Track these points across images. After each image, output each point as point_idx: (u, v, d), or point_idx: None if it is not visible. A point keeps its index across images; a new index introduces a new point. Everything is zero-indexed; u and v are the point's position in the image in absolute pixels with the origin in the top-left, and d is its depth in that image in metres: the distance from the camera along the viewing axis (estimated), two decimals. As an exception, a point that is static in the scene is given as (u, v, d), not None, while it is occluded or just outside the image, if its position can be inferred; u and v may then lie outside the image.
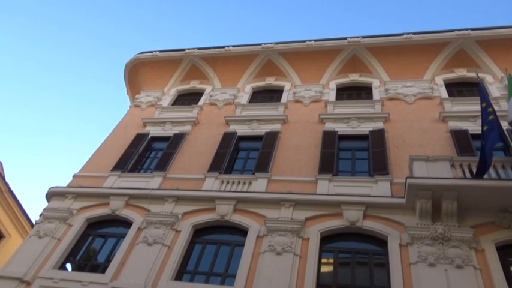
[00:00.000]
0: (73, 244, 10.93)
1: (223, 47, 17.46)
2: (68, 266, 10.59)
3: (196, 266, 9.76)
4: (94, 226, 11.47)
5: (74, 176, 13.18)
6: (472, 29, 15.01)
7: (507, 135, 10.82)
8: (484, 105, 9.64)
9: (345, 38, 16.13)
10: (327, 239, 9.63)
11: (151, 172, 12.73)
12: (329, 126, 13.17)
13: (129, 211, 11.33)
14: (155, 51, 18.26)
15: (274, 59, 16.81)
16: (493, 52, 14.77)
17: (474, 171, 9.10)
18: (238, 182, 11.51)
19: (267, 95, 16.31)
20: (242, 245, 9.76)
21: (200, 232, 10.60)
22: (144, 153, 14.13)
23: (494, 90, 13.69)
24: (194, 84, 17.62)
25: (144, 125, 15.29)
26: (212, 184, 11.62)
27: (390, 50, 15.65)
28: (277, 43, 16.81)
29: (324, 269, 9.08)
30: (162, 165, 12.77)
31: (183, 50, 17.95)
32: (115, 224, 11.35)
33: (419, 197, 9.01)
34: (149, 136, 14.66)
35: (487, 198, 8.77)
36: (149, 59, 18.22)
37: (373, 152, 11.66)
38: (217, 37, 56.69)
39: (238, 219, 10.37)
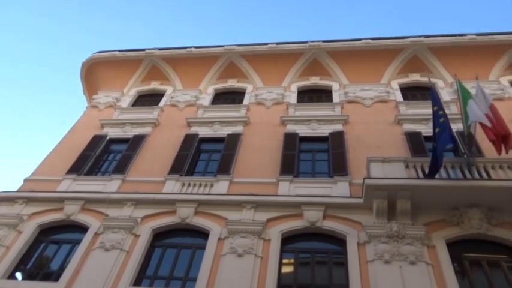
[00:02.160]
0: (23, 252, 10.33)
1: (185, 47, 17.28)
2: (18, 275, 10.01)
3: (156, 270, 9.53)
4: (47, 232, 10.92)
5: (25, 180, 12.50)
6: (425, 36, 15.79)
7: (457, 137, 11.46)
8: (435, 108, 10.12)
9: (306, 42, 16.45)
10: (288, 239, 9.72)
11: (109, 175, 12.32)
12: (290, 128, 13.34)
13: (85, 216, 10.89)
14: (114, 51, 17.76)
15: (236, 61, 16.82)
16: (444, 58, 15.59)
17: (427, 171, 9.53)
18: (200, 185, 11.39)
19: (229, 97, 16.29)
20: (203, 248, 9.65)
21: (160, 236, 10.37)
22: (102, 155, 13.66)
23: (445, 94, 14.44)
24: (155, 85, 17.28)
25: (102, 126, 14.79)
26: (173, 187, 11.42)
27: (349, 55, 16.12)
28: (239, 45, 16.85)
29: (285, 269, 9.16)
30: (121, 168, 12.40)
31: (143, 50, 17.58)
32: (70, 229, 10.86)
33: (376, 197, 9.33)
34: (107, 138, 14.19)
35: (438, 197, 9.22)
36: (107, 58, 17.68)
37: (332, 153, 11.93)
38: (179, 38, 55.98)
39: (200, 221, 10.25)
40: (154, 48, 17.52)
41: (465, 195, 9.09)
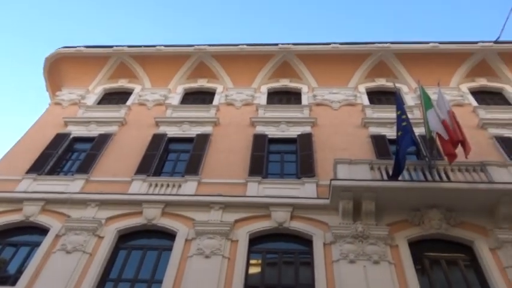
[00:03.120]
0: (-22, 255, 9.81)
1: (155, 46, 17.00)
2: (-29, 279, 9.48)
3: (121, 273, 9.29)
4: (4, 234, 10.38)
5: (-19, 180, 11.85)
6: (391, 43, 16.31)
7: (419, 140, 11.90)
8: (398, 113, 10.47)
9: (277, 44, 16.59)
10: (255, 240, 9.75)
11: (72, 175, 11.91)
12: (260, 129, 13.40)
13: (45, 217, 10.46)
14: (80, 46, 17.21)
15: (207, 61, 16.72)
16: (409, 65, 16.16)
17: (391, 173, 9.83)
18: (167, 185, 11.22)
19: (199, 97, 16.16)
20: (170, 249, 9.51)
21: (125, 237, 10.12)
22: (65, 154, 13.18)
23: (409, 99, 14.96)
24: (122, 83, 16.88)
25: (66, 124, 14.28)
26: (139, 187, 11.18)
27: (319, 58, 16.40)
28: (210, 45, 16.77)
29: (252, 270, 9.19)
30: (85, 168, 12.01)
31: (111, 46, 17.14)
32: (29, 231, 10.40)
33: (342, 198, 9.53)
34: (71, 136, 13.71)
35: (401, 198, 9.53)
36: (73, 54, 17.11)
37: (301, 155, 12.08)
38: (150, 36, 55.01)
39: (166, 223, 10.10)
40: (122, 45, 17.11)
41: (426, 197, 9.45)
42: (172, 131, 13.64)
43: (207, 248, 9.18)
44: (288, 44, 16.50)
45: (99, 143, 13.15)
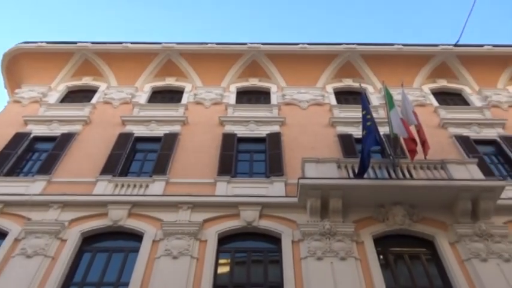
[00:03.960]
0: None
1: (121, 42, 16.59)
2: None
3: (85, 276, 9.00)
4: (-43, 239, 9.83)
5: None
6: (358, 44, 16.70)
7: (383, 139, 12.25)
8: (364, 112, 10.73)
9: (246, 44, 16.61)
10: (224, 239, 9.72)
11: (33, 176, 11.41)
12: (229, 128, 13.37)
13: (4, 220, 9.96)
14: (41, 42, 16.53)
15: (175, 59, 16.51)
16: (374, 66, 16.61)
17: (357, 171, 10.07)
18: (134, 185, 10.97)
19: (167, 96, 15.91)
20: (137, 251, 9.30)
21: (90, 240, 9.82)
22: (25, 154, 12.62)
23: (374, 99, 15.39)
24: (87, 81, 16.36)
25: (26, 123, 13.67)
26: (105, 188, 10.87)
27: (287, 58, 16.55)
28: (178, 43, 16.56)
29: (221, 269, 9.15)
30: (47, 168, 11.55)
31: (75, 43, 16.59)
32: (-15, 235, 9.88)
33: (309, 196, 9.67)
34: (31, 136, 13.14)
35: (366, 196, 9.78)
36: (33, 50, 16.41)
37: (269, 154, 12.15)
38: (117, 33, 53.61)
39: (133, 224, 9.88)
40: (86, 42, 16.59)
41: (390, 194, 9.74)
42: (139, 130, 13.36)
43: (175, 249, 9.05)
44: (257, 43, 16.56)
45: (62, 142, 12.68)
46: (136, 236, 9.74)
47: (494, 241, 9.17)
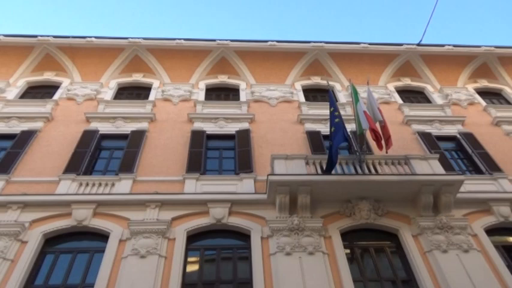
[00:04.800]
0: None
1: (85, 37, 16.02)
2: None
3: (47, 278, 8.67)
4: None
5: None
6: (325, 42, 16.94)
7: (351, 136, 12.51)
8: (332, 109, 10.91)
9: (215, 40, 16.48)
10: (193, 237, 9.64)
11: (-10, 175, 10.85)
12: (198, 125, 13.24)
13: (-42, 223, 9.43)
14: (-1, 35, 15.72)
15: (142, 54, 16.16)
16: (342, 64, 16.93)
17: (325, 167, 10.24)
18: (100, 184, 10.67)
19: (134, 92, 15.56)
20: (102, 251, 9.07)
21: (53, 241, 9.47)
22: (-19, 153, 11.98)
23: (342, 97, 15.68)
24: (49, 76, 15.72)
25: (-18, 120, 12.98)
26: (68, 187, 10.50)
27: (256, 55, 16.57)
28: (145, 38, 16.20)
29: (190, 268, 9.07)
30: (5, 167, 11.01)
31: (35, 36, 15.87)
32: None
33: (278, 193, 9.74)
34: (-12, 133, 12.49)
35: (334, 191, 9.97)
36: (-10, 43, 15.57)
37: (239, 151, 12.14)
38: (82, 27, 51.79)
39: (99, 223, 9.61)
40: (48, 36, 15.92)
41: (356, 189, 9.97)
42: (104, 128, 12.98)
43: (143, 248, 8.89)
44: (226, 40, 16.47)
45: (22, 140, 12.13)
46: (102, 236, 9.49)
47: (454, 233, 9.59)
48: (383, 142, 10.73)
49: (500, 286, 8.59)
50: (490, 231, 10.13)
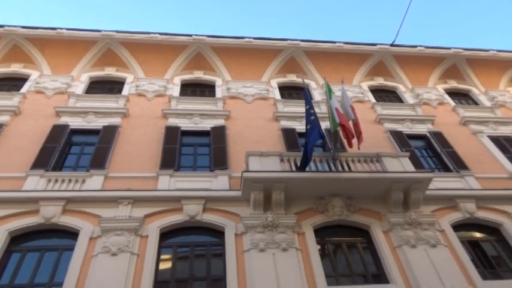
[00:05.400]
0: None
1: (55, 28, 15.50)
2: None
3: (13, 278, 8.36)
4: None
5: None
6: (302, 40, 17.05)
7: (325, 134, 12.68)
8: (307, 107, 11.01)
9: (191, 35, 16.29)
10: (166, 234, 9.53)
11: (-48, 171, 10.37)
12: (172, 121, 13.07)
13: None
14: (-39, 24, 14.99)
15: (115, 48, 15.78)
16: (317, 62, 17.09)
17: (299, 164, 10.32)
18: (70, 180, 10.37)
19: (107, 86, 15.17)
20: (72, 249, 8.82)
21: (19, 239, 9.13)
22: None
23: (317, 95, 15.85)
24: (16, 68, 15.12)
25: None
26: (36, 183, 10.15)
27: (233, 51, 16.49)
28: (118, 31, 15.82)
29: (163, 265, 8.96)
30: (-32, 163, 10.54)
31: (2, 26, 15.22)
32: None
33: (253, 189, 9.75)
34: (-50, 127, 11.91)
35: (308, 188, 10.07)
36: (-48, 32, 14.82)
37: (214, 147, 12.07)
38: (53, 19, 50.04)
39: (68, 221, 9.34)
40: (16, 26, 15.30)
41: (330, 186, 10.11)
42: (75, 122, 12.62)
43: (114, 246, 8.71)
44: (202, 35, 16.31)
45: (-13, 134, 11.62)
46: (72, 234, 9.23)
47: (423, 228, 9.88)
48: (354, 140, 10.88)
49: (465, 280, 8.93)
50: (457, 227, 10.51)
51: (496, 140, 14.11)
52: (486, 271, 9.60)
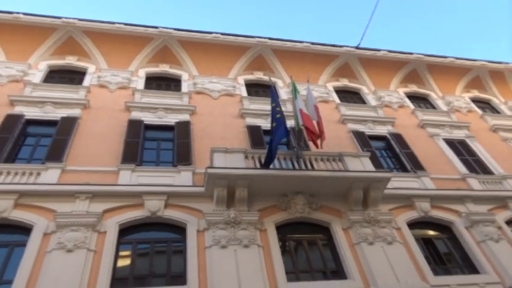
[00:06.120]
0: None
1: (12, 12, 14.64)
2: None
3: (-43, 276, 7.88)
4: None
5: None
6: (269, 38, 17.10)
7: (290, 132, 12.80)
8: (273, 105, 11.08)
9: (157, 27, 15.92)
10: (126, 231, 9.31)
11: None
12: (135, 115, 12.74)
13: None
14: None
15: (77, 36, 15.14)
16: (285, 61, 17.21)
17: (263, 162, 10.36)
18: (23, 173, 9.85)
19: (67, 76, 14.54)
20: (24, 245, 8.42)
21: (-35, 235, 8.61)
22: None
23: (283, 93, 15.97)
24: (-34, 53, 14.16)
25: None
26: (-14, 176, 9.58)
27: (200, 46, 16.28)
28: (81, 20, 15.19)
29: (121, 262, 8.73)
30: None
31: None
32: None
33: (216, 186, 9.70)
34: None
35: (271, 185, 10.15)
36: None
37: (178, 143, 11.88)
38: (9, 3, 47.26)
39: (20, 215, 8.89)
40: (-32, 9, 14.34)
41: (293, 184, 10.25)
42: (31, 112, 12.00)
43: (70, 242, 8.39)
44: (169, 28, 15.99)
45: None
46: (24, 229, 8.80)
47: (380, 226, 10.23)
48: (319, 141, 11.08)
49: (418, 275, 9.33)
50: (412, 224, 10.97)
51: (451, 143, 14.84)
52: (438, 267, 10.08)
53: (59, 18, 14.97)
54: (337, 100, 16.39)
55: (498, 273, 9.94)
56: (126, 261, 8.81)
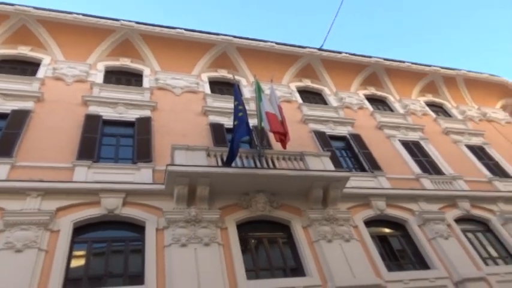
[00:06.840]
0: None
1: (-42, -3, 13.66)
2: None
3: None
4: None
5: None
6: (234, 36, 17.06)
7: (252, 131, 12.83)
8: (236, 103, 11.06)
9: (118, 20, 15.44)
10: (81, 229, 8.96)
11: None
12: (93, 109, 12.27)
13: None
14: None
15: (31, 25, 14.36)
16: (249, 60, 17.23)
17: (225, 160, 10.32)
18: (-32, 169, 9.24)
19: (19, 67, 13.74)
20: (-33, 245, 7.89)
21: None
22: None
23: (247, 92, 15.98)
24: None
25: None
26: None
27: (163, 41, 15.94)
28: (36, 8, 14.42)
29: (75, 262, 8.40)
30: None
31: None
32: None
33: (177, 183, 9.54)
34: None
35: (233, 184, 10.12)
36: None
37: (138, 139, 11.58)
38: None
39: (-36, 214, 8.33)
40: None
41: (255, 182, 10.28)
42: (-22, 104, 11.25)
43: (19, 241, 7.96)
44: (131, 21, 15.54)
45: None
46: (-32, 228, 8.24)
47: (338, 224, 10.50)
48: (283, 138, 11.16)
49: (373, 271, 9.68)
50: (368, 222, 11.34)
51: (406, 144, 15.49)
52: (391, 263, 10.50)
53: (12, 5, 14.14)
54: (300, 100, 16.63)
55: (447, 269, 10.50)
56: (81, 261, 8.48)
